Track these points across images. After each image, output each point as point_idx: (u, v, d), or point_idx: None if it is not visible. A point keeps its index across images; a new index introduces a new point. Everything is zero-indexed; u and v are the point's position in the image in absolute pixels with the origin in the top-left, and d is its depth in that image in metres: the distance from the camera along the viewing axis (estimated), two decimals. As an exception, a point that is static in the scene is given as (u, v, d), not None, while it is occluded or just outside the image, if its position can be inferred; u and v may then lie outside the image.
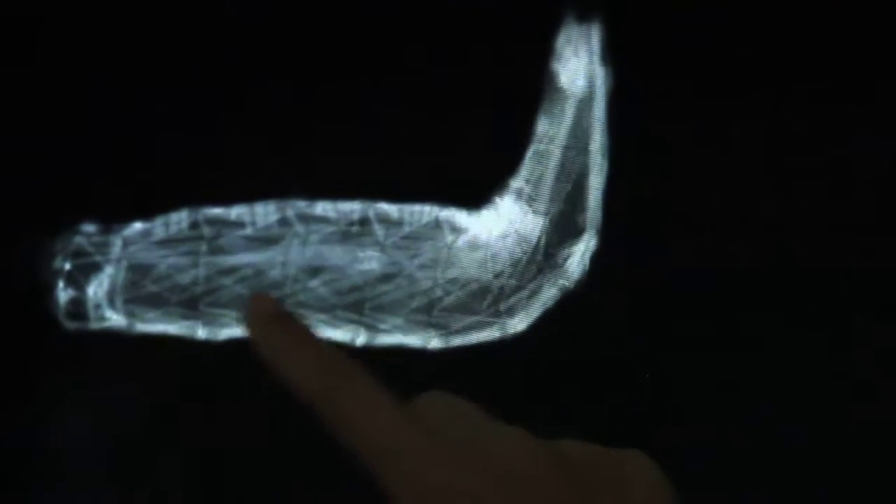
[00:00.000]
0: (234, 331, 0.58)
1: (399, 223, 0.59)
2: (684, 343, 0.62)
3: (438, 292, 0.59)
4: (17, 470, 0.59)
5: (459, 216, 0.60)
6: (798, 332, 0.62)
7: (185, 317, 0.58)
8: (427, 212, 0.60)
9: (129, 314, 0.58)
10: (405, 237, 0.59)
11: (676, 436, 0.60)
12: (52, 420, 0.59)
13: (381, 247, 0.59)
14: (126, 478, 0.59)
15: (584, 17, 0.59)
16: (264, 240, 0.58)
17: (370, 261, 0.58)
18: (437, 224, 0.60)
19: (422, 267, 0.59)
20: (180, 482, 0.59)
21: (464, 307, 0.59)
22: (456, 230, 0.59)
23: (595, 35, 0.59)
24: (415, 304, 0.58)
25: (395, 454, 0.36)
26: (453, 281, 0.59)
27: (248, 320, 0.42)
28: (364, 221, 0.59)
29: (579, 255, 0.60)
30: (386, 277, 0.58)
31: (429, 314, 0.59)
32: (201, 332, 0.58)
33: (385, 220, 0.59)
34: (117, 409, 0.59)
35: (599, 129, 0.60)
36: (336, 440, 0.36)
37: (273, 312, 0.42)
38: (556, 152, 0.59)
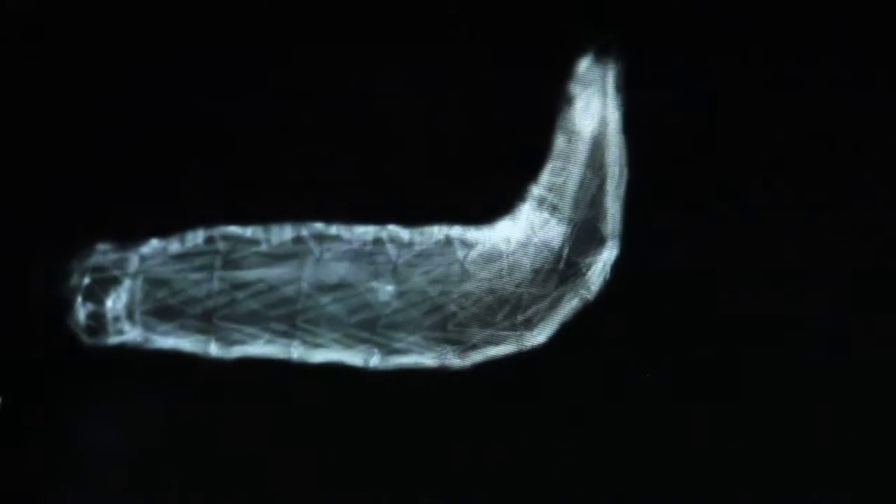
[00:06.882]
0: (246, 347, 0.59)
1: (410, 243, 0.59)
2: (705, 354, 0.62)
3: (452, 307, 0.59)
4: (39, 485, 0.60)
5: (471, 231, 0.60)
6: (823, 346, 0.61)
7: (198, 330, 0.59)
8: (436, 231, 0.60)
9: (147, 327, 0.59)
10: (417, 255, 0.59)
11: (700, 451, 0.60)
12: (72, 434, 0.61)
13: (394, 266, 0.59)
14: (145, 493, 0.60)
15: (601, 53, 0.59)
16: (278, 256, 0.59)
17: (383, 278, 0.59)
18: (447, 241, 0.60)
19: (433, 283, 0.59)
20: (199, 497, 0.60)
21: (479, 320, 0.59)
22: (468, 244, 0.60)
23: (610, 74, 0.59)
24: (429, 321, 0.59)
25: None
26: (467, 295, 0.59)
27: None
28: (377, 241, 0.59)
29: (601, 265, 0.59)
30: (399, 295, 0.59)
31: (443, 330, 0.59)
32: (214, 347, 0.59)
33: (397, 240, 0.60)
34: (136, 423, 0.60)
35: (618, 143, 0.59)
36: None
37: None
38: (576, 164, 0.59)
